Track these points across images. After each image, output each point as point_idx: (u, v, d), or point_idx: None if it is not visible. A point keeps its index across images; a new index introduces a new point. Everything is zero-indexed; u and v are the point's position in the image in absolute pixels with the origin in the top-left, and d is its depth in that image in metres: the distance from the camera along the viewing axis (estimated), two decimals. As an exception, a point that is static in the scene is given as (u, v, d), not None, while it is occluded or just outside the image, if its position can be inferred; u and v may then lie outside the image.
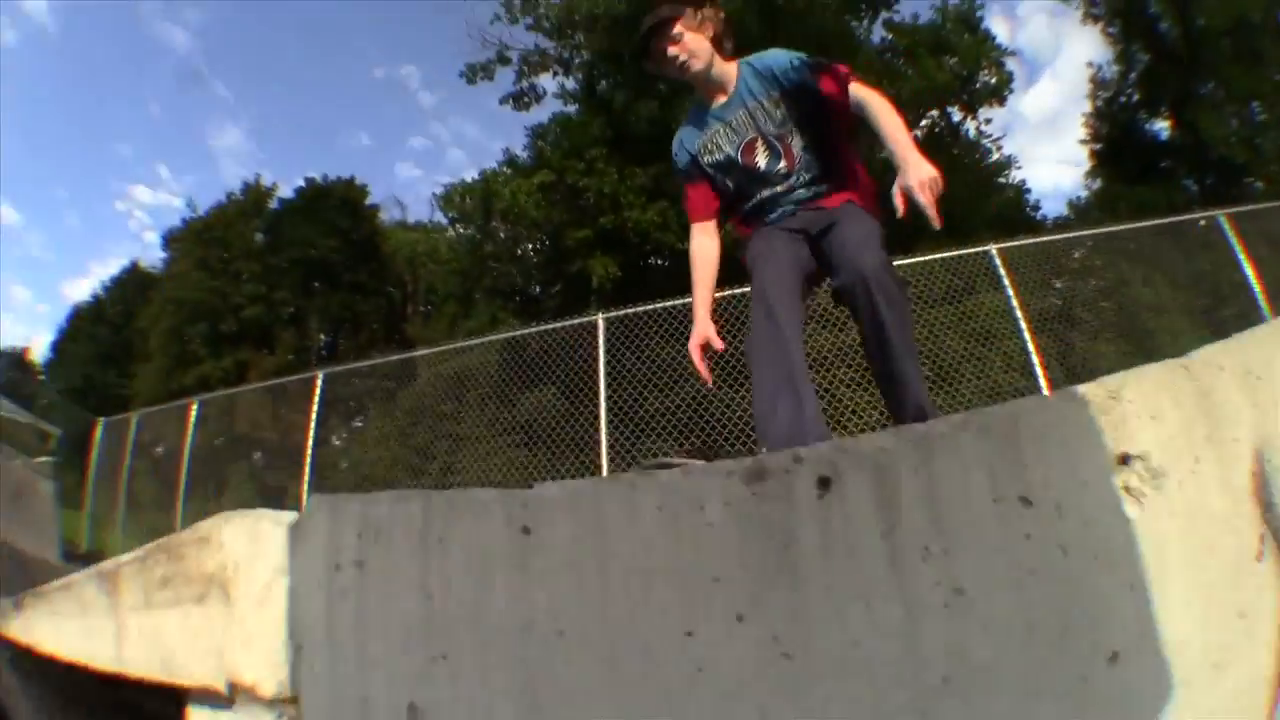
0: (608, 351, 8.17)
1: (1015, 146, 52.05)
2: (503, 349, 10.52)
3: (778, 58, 2.45)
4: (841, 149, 2.52)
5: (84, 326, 40.62)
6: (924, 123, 21.06)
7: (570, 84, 21.26)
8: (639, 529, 1.16)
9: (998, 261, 7.75)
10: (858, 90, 2.30)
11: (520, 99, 21.44)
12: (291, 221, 31.10)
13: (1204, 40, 20.07)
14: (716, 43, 2.50)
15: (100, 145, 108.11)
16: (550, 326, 9.10)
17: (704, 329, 2.49)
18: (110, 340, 37.99)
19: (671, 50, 2.45)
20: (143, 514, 15.16)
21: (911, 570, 1.06)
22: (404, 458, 11.49)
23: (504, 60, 20.97)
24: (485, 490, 1.30)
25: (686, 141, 2.62)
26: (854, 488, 1.10)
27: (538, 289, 21.37)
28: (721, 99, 2.52)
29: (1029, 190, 24.16)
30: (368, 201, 34.06)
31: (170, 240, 37.88)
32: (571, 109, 20.85)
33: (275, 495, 11.56)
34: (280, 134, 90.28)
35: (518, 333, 9.91)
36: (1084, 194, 24.68)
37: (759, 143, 2.49)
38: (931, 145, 19.78)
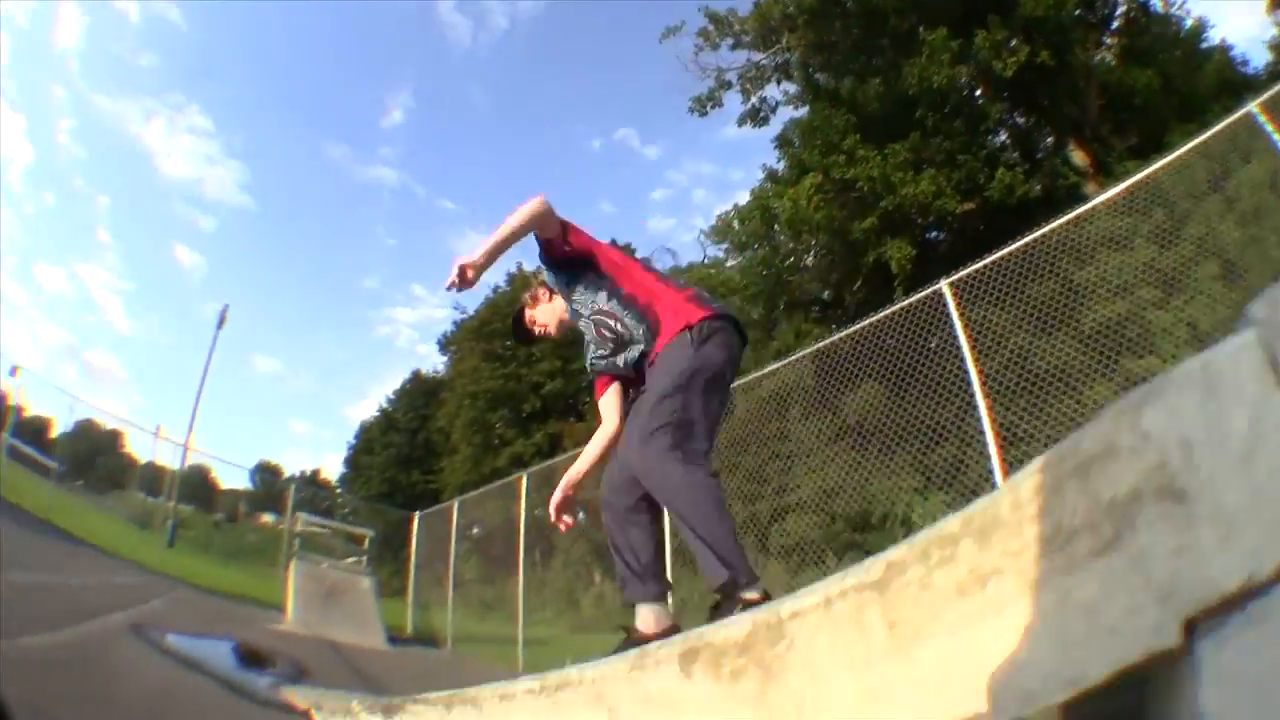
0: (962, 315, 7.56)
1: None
2: (814, 359, 10.39)
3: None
4: (626, 288, 2.76)
5: (376, 438, 44.68)
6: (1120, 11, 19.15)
7: (792, 87, 21.53)
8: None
9: (1262, 120, 6.28)
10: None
11: (756, 115, 22.07)
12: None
13: None
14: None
15: (345, 286, 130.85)
16: (893, 309, 8.47)
17: (565, 489, 3.07)
18: (406, 444, 41.83)
19: (535, 330, 3.19)
20: (470, 589, 16.74)
21: None
22: (734, 487, 11.58)
23: (724, 85, 21.81)
24: None
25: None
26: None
27: (827, 294, 21.15)
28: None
29: (1231, 47, 22.56)
30: (637, 257, 35.72)
31: (446, 344, 42.62)
32: (802, 111, 20.94)
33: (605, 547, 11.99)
34: None
35: (847, 331, 9.27)
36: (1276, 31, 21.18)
37: (595, 334, 2.83)
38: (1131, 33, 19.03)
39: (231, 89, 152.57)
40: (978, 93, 18.93)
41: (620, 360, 2.76)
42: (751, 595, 2.16)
